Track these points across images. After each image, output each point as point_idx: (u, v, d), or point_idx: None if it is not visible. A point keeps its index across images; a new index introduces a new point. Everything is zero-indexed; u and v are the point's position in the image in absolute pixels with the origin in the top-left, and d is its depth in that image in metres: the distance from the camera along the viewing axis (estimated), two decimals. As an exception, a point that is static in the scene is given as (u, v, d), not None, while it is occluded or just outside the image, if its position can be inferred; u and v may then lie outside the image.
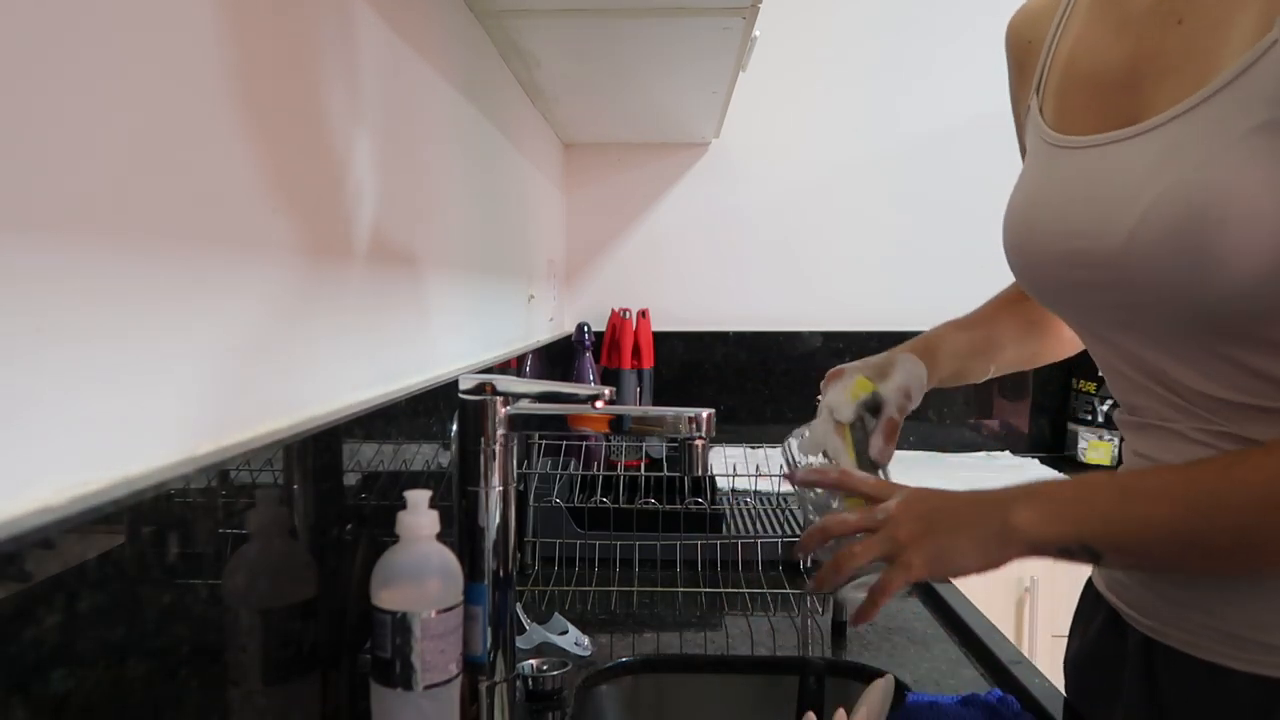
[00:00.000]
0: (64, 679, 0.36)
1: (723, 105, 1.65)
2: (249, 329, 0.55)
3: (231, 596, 0.50)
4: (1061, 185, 0.65)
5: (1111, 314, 0.63)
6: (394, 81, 0.82)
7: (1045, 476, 0.87)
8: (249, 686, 0.52)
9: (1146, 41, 0.61)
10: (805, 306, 2.12)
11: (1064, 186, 0.64)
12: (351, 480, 0.67)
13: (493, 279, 1.28)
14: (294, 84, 0.62)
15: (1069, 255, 0.63)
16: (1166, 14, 0.60)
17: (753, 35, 1.20)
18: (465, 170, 1.10)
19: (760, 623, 1.04)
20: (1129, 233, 0.57)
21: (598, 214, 2.14)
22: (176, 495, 0.44)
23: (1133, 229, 0.57)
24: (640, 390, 1.93)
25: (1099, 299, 0.63)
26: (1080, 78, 0.67)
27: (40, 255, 0.38)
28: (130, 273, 0.44)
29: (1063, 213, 0.63)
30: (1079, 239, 0.62)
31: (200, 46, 0.50)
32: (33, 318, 0.37)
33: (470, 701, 0.72)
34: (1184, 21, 0.58)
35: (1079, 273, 0.63)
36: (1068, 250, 0.63)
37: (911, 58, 2.08)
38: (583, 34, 1.21)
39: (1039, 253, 0.67)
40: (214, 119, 0.51)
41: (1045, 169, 0.68)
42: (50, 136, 0.38)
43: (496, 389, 0.72)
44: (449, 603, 0.63)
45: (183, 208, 0.48)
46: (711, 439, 0.71)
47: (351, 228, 0.72)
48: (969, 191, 2.09)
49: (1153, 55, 0.60)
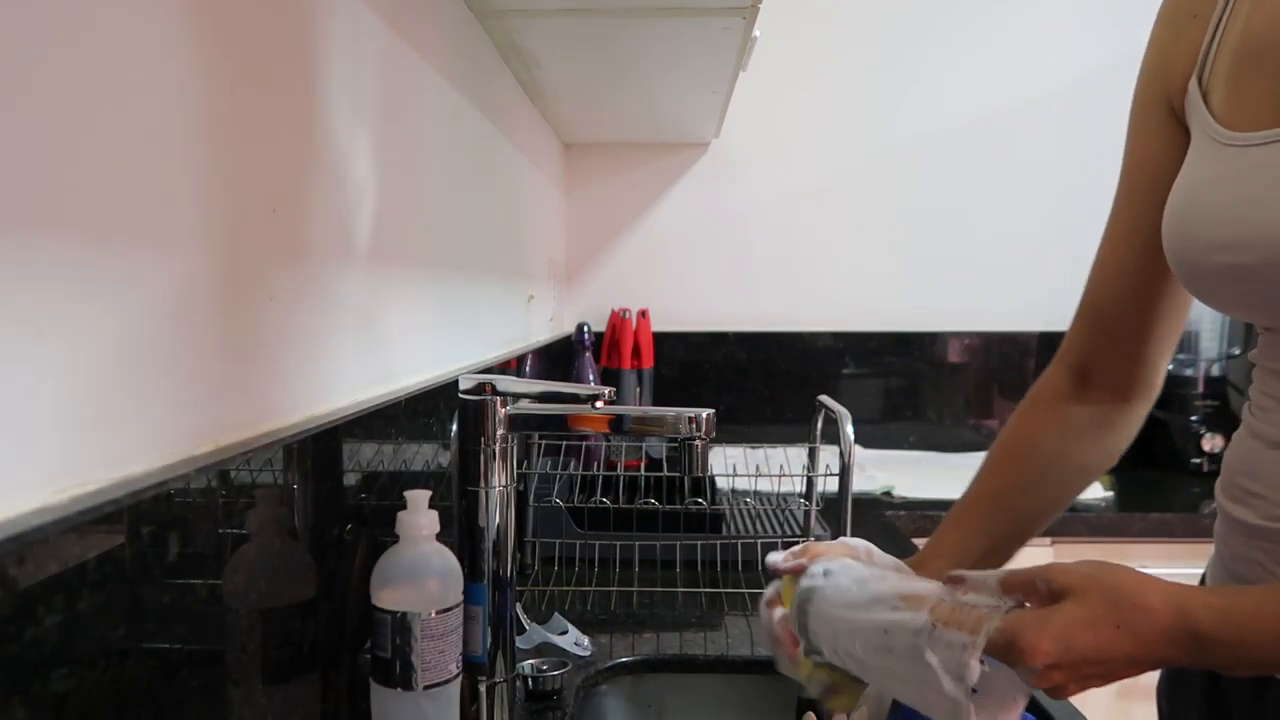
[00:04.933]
0: (64, 679, 0.36)
1: (723, 105, 1.66)
2: (248, 329, 0.55)
3: (231, 596, 0.50)
4: (1223, 187, 0.58)
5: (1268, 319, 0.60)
6: (393, 81, 0.82)
7: None
8: (249, 686, 0.52)
9: None
10: (805, 306, 2.12)
11: (1226, 189, 0.58)
12: (351, 480, 0.67)
13: (492, 279, 1.28)
14: (292, 84, 0.62)
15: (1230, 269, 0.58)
16: None
17: (753, 35, 1.20)
18: (465, 170, 1.10)
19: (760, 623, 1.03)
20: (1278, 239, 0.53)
21: (598, 214, 2.14)
22: (176, 495, 0.44)
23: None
24: (640, 390, 1.93)
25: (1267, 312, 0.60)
26: (1255, 64, 0.59)
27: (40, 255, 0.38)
28: (129, 273, 0.44)
29: (1224, 219, 0.57)
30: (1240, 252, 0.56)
31: (197, 44, 0.50)
32: (33, 318, 0.37)
33: (470, 701, 0.72)
34: None
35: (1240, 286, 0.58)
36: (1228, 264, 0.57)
37: (912, 58, 2.08)
38: (583, 34, 1.21)
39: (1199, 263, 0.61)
40: (213, 119, 0.51)
41: (1208, 166, 0.60)
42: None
43: (496, 389, 0.72)
44: (449, 603, 0.63)
45: (182, 208, 0.48)
46: (711, 439, 0.71)
47: (351, 227, 0.72)
48: (968, 192, 2.09)
49: None
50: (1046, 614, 0.51)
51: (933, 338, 2.10)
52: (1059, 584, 0.52)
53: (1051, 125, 2.05)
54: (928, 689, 0.52)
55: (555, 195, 1.96)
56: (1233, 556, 0.64)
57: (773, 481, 1.22)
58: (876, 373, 2.10)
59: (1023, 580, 0.54)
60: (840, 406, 1.12)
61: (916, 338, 2.10)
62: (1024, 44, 2.05)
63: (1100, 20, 2.02)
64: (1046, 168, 2.07)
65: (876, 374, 2.10)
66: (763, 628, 0.69)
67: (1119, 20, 1.98)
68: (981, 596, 0.54)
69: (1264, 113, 0.56)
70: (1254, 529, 0.61)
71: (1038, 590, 0.53)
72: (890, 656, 0.54)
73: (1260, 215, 0.54)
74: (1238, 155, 0.57)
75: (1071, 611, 0.50)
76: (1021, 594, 0.54)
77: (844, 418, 1.10)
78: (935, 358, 2.11)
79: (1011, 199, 2.08)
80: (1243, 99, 0.59)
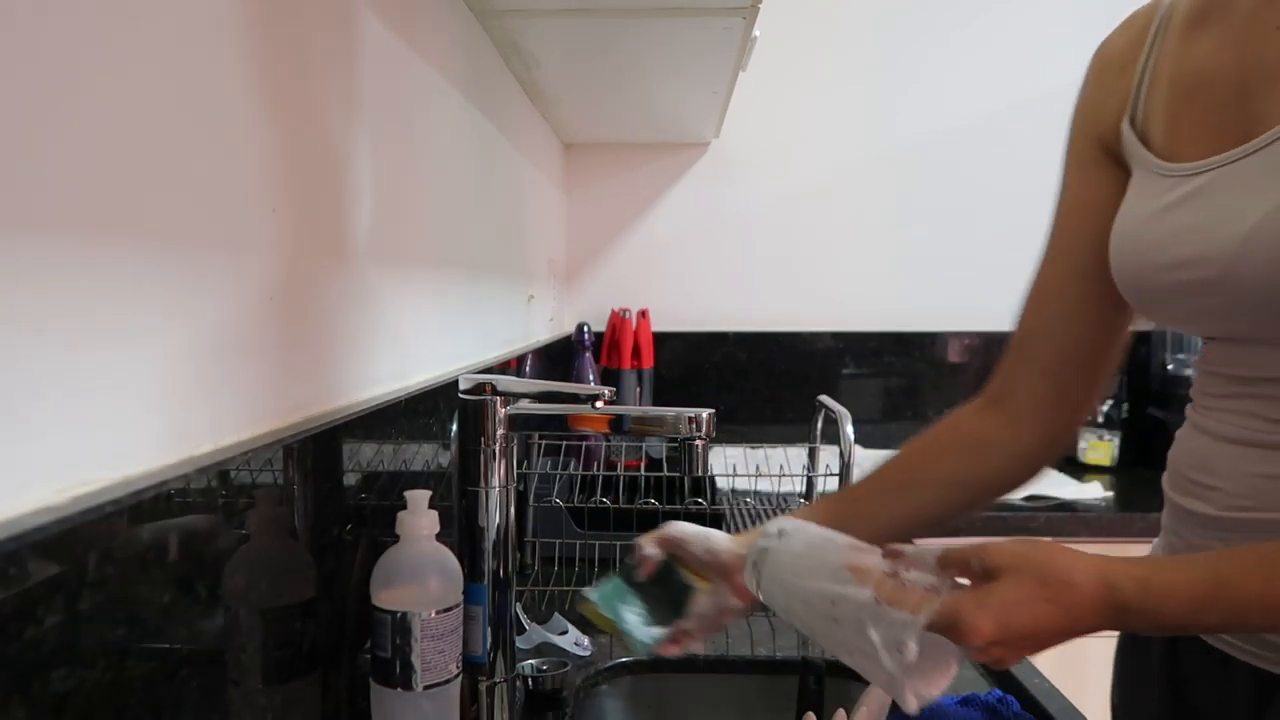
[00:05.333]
0: (64, 679, 0.36)
1: (723, 105, 1.66)
2: (249, 329, 0.55)
3: (231, 596, 0.50)
4: (1174, 212, 0.64)
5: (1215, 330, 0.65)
6: (393, 81, 0.82)
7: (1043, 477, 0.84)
8: (249, 686, 0.52)
9: (1250, 52, 0.60)
10: (805, 306, 2.12)
11: (1176, 213, 0.63)
12: (351, 480, 0.67)
13: (492, 279, 1.28)
14: (291, 84, 0.62)
15: (1183, 285, 0.63)
16: (1266, 21, 0.59)
17: (753, 35, 1.20)
18: (465, 170, 1.10)
19: (760, 623, 1.03)
20: (1231, 257, 0.57)
21: (598, 214, 2.14)
22: (176, 495, 0.44)
23: (1235, 253, 0.57)
24: (640, 390, 1.93)
25: (1206, 325, 0.65)
26: (1189, 101, 0.65)
27: (40, 255, 0.38)
28: (128, 273, 0.44)
29: (1178, 241, 0.63)
30: (1193, 269, 0.61)
31: (196, 45, 0.50)
32: (32, 318, 0.37)
33: (470, 701, 0.72)
34: None
35: (1192, 301, 0.63)
36: (1182, 280, 0.62)
37: (912, 58, 2.08)
38: (583, 34, 1.21)
39: (1145, 289, 0.66)
40: (211, 119, 0.51)
41: (1157, 196, 0.66)
42: (50, 138, 0.38)
43: (496, 389, 0.72)
44: (449, 603, 0.63)
45: (181, 208, 0.48)
46: (711, 439, 0.71)
47: (350, 227, 0.72)
48: (968, 192, 2.09)
49: (1256, 67, 0.60)
50: (982, 595, 0.54)
51: (933, 338, 2.10)
52: (993, 563, 0.55)
53: (1051, 125, 2.03)
54: (868, 661, 0.56)
55: (555, 195, 1.96)
56: (1187, 547, 0.68)
57: (773, 481, 1.22)
58: (876, 373, 2.10)
59: (958, 558, 0.57)
60: (840, 406, 1.12)
61: (916, 338, 2.10)
62: (1024, 44, 2.05)
63: (1100, 20, 1.99)
64: (1046, 168, 2.04)
65: (876, 374, 2.10)
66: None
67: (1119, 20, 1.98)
68: (922, 573, 0.57)
69: (1203, 143, 0.62)
70: (1211, 519, 0.65)
71: (972, 568, 0.56)
72: (836, 626, 0.58)
73: (1211, 234, 0.59)
74: (1182, 183, 0.63)
75: (1006, 591, 0.54)
76: (956, 570, 0.57)
77: (844, 418, 1.10)
78: (935, 358, 2.11)
79: (1011, 199, 2.07)
80: (1181, 133, 0.65)
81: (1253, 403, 0.63)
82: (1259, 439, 0.62)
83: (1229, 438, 0.64)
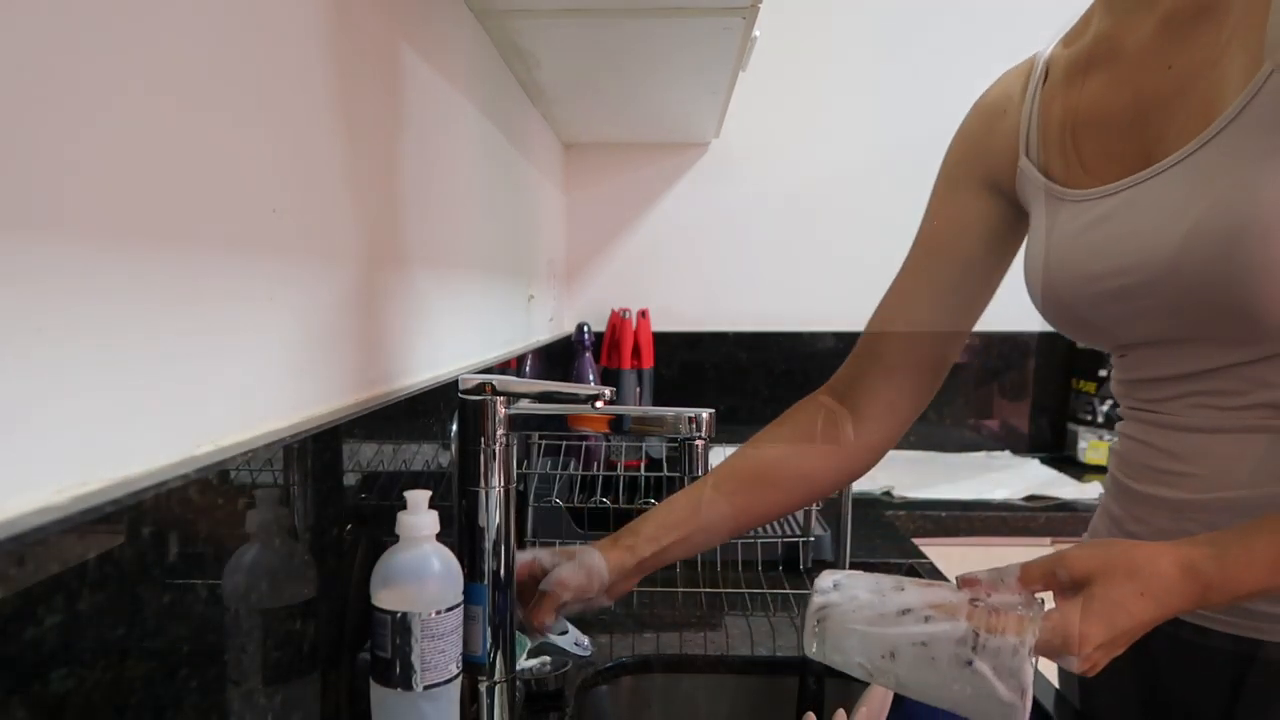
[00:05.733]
0: (64, 679, 0.36)
1: (723, 105, 1.65)
2: (248, 329, 0.55)
3: (231, 596, 0.50)
4: (1097, 229, 0.68)
5: (1153, 332, 0.67)
6: (393, 82, 0.82)
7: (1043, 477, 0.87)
8: (249, 686, 0.52)
9: (1145, 88, 0.67)
10: (806, 306, 2.12)
11: (1101, 229, 0.67)
12: (351, 480, 0.67)
13: (493, 279, 1.28)
14: (290, 84, 0.62)
15: (1112, 293, 0.66)
16: (1156, 62, 0.67)
17: (753, 35, 1.20)
18: (465, 170, 1.10)
19: (760, 623, 1.04)
20: (1172, 257, 0.61)
21: (598, 214, 2.14)
22: (176, 495, 0.44)
23: (1175, 253, 0.61)
24: (640, 390, 1.93)
25: (1143, 328, 0.67)
26: (1086, 132, 0.72)
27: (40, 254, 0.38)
28: (127, 274, 0.44)
29: (1098, 255, 0.67)
30: (1120, 276, 0.65)
31: (210, 60, 0.50)
32: (32, 317, 0.37)
33: (470, 701, 0.72)
34: (1173, 67, 0.65)
35: (1119, 306, 0.67)
36: (1110, 289, 0.66)
37: (912, 57, 2.08)
38: (583, 34, 1.21)
39: (1078, 300, 0.70)
40: (210, 120, 0.51)
41: (1071, 219, 0.70)
42: (52, 139, 0.38)
43: (496, 389, 0.72)
44: (449, 603, 0.63)
45: (180, 209, 0.48)
46: (711, 439, 0.71)
47: (350, 227, 0.72)
48: (969, 191, 2.09)
49: (1152, 99, 0.66)
50: (1083, 602, 0.55)
51: (933, 338, 2.10)
52: (1080, 570, 0.56)
53: (1051, 125, 2.05)
54: (979, 697, 0.54)
55: (555, 195, 1.96)
56: (1153, 533, 0.70)
57: (773, 481, 1.22)
58: (876, 373, 2.10)
59: (1041, 573, 0.57)
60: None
61: (916, 338, 2.10)
62: (1024, 44, 2.05)
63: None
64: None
65: (876, 374, 2.10)
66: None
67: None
68: (1005, 596, 0.57)
69: (1106, 169, 0.69)
70: (1184, 503, 0.67)
71: (1059, 580, 0.57)
72: (933, 667, 0.55)
73: (1148, 239, 0.63)
74: (1100, 203, 0.68)
75: (1107, 593, 0.55)
76: (1040, 586, 0.57)
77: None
78: (935, 358, 2.10)
79: (1011, 199, 2.07)
80: (1083, 163, 0.71)
81: (1205, 396, 0.66)
82: (1227, 424, 0.64)
83: (1195, 427, 0.67)
